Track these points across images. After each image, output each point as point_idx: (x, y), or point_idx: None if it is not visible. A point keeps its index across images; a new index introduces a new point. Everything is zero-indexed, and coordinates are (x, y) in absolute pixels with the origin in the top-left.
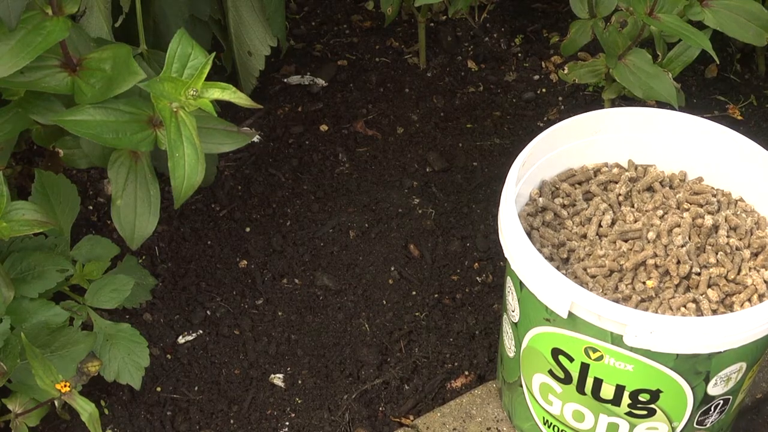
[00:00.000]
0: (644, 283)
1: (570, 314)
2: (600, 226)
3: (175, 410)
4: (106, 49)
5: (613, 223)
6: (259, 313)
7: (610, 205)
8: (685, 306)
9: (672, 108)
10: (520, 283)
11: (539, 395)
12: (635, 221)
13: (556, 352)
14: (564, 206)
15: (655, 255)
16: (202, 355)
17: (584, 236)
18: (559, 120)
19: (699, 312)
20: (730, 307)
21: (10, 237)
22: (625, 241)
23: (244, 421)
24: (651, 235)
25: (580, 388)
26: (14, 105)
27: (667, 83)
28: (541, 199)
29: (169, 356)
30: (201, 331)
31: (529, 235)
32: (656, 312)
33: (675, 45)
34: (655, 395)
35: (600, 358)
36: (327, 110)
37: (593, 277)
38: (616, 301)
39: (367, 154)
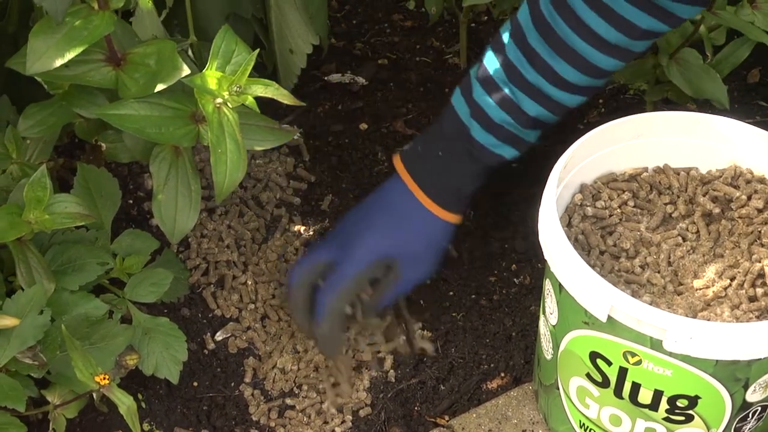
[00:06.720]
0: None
1: (609, 318)
2: (640, 230)
3: (212, 405)
4: (151, 44)
5: (657, 227)
6: None
7: (652, 208)
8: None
9: (716, 111)
10: (560, 285)
11: (576, 398)
12: (680, 225)
13: (594, 356)
14: (605, 209)
15: (704, 258)
16: (240, 350)
17: (626, 240)
18: (600, 123)
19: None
20: None
21: (52, 229)
22: (668, 244)
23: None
24: (692, 236)
25: (618, 393)
26: (58, 98)
27: (717, 83)
28: (581, 202)
29: (206, 351)
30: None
31: (568, 238)
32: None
33: (722, 48)
34: (693, 401)
35: (638, 362)
36: (367, 109)
37: (633, 282)
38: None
39: None
